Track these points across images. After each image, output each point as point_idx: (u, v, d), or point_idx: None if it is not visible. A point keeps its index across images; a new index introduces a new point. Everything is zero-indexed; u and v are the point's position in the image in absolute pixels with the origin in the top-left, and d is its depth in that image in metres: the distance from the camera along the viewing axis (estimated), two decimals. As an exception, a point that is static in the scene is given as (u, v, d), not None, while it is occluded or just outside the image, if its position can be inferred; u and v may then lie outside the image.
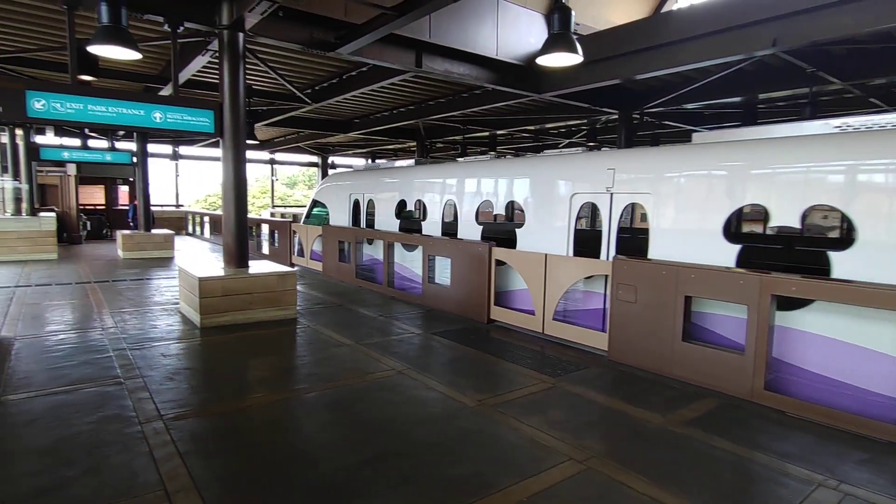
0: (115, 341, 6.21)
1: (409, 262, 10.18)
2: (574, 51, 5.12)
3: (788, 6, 6.63)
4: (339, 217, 13.97)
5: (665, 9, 11.24)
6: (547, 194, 8.21)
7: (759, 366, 4.58)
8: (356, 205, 13.36)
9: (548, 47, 5.18)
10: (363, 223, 13.00)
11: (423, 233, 10.57)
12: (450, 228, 10.11)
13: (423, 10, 6.55)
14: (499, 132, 18.52)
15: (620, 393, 4.90)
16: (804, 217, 5.28)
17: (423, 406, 4.47)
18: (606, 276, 6.10)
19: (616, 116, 13.00)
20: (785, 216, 5.42)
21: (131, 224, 18.56)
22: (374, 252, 11.03)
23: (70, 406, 4.28)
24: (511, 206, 9.13)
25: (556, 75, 10.27)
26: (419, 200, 11.16)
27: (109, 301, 8.51)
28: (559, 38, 5.07)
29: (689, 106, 12.01)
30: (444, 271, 8.37)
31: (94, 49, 5.68)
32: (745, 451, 3.78)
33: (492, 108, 14.09)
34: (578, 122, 15.88)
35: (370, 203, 12.83)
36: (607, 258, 6.96)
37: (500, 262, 7.42)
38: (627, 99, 12.04)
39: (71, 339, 6.27)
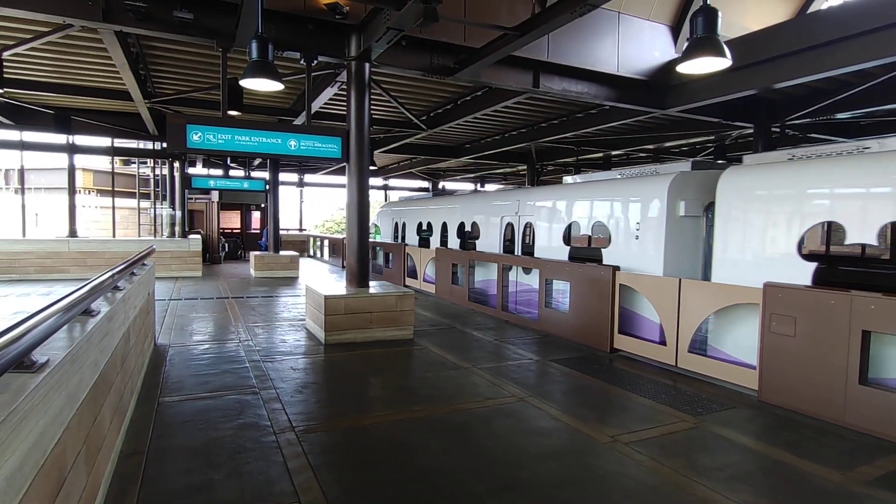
0: (250, 353, 6.65)
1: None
2: (721, 54, 4.66)
3: None
4: (387, 235, 18.87)
5: (812, 9, 10.10)
6: (490, 217, 12.17)
7: (971, 420, 3.73)
8: (396, 226, 18.25)
9: (690, 52, 4.77)
10: (400, 238, 17.71)
11: (435, 245, 14.91)
12: (444, 239, 14.52)
13: (544, 28, 6.45)
14: (614, 153, 17.79)
15: (780, 440, 4.23)
16: (592, 228, 8.76)
17: (549, 437, 4.18)
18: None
19: (751, 130, 11.89)
20: (584, 228, 8.96)
21: (264, 247, 20.38)
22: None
23: (215, 411, 4.58)
24: (475, 225, 13.06)
25: (683, 89, 9.64)
26: (429, 222, 15.72)
27: (244, 315, 9.24)
28: (704, 42, 4.64)
29: (842, 115, 10.64)
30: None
31: (245, 82, 6.25)
32: (965, 527, 3.03)
33: (607, 128, 13.58)
34: (704, 139, 14.76)
35: (403, 225, 17.57)
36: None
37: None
38: (765, 111, 10.96)
39: (213, 349, 6.83)
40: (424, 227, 16.08)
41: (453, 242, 13.83)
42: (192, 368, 5.92)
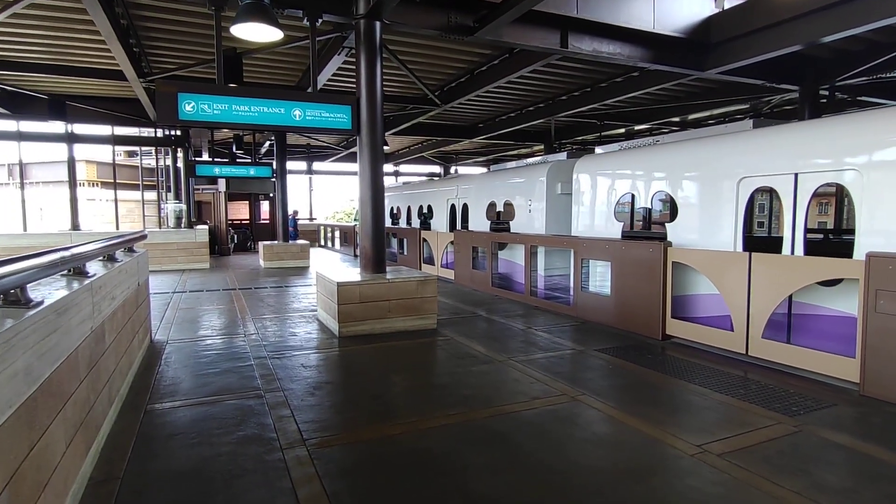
0: (256, 348, 5.92)
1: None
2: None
3: None
4: None
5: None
6: (439, 200, 15.04)
7: None
8: None
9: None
10: None
11: (402, 225, 17.87)
12: (409, 221, 17.33)
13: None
14: (637, 127, 16.79)
15: (908, 446, 3.39)
16: (503, 205, 11.37)
17: (621, 449, 3.38)
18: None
19: (794, 96, 10.89)
20: (499, 206, 11.55)
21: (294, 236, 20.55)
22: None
23: (211, 420, 3.84)
24: (429, 208, 15.85)
25: (725, 47, 8.65)
26: (398, 207, 18.48)
27: (252, 307, 8.52)
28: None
29: (902, 72, 9.60)
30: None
31: (237, 29, 5.47)
32: None
33: (633, 99, 12.61)
34: (738, 107, 13.71)
35: None
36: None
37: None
38: (812, 70, 9.94)
39: (216, 345, 6.11)
40: (395, 211, 18.63)
41: (415, 222, 16.80)
42: (190, 367, 5.19)
